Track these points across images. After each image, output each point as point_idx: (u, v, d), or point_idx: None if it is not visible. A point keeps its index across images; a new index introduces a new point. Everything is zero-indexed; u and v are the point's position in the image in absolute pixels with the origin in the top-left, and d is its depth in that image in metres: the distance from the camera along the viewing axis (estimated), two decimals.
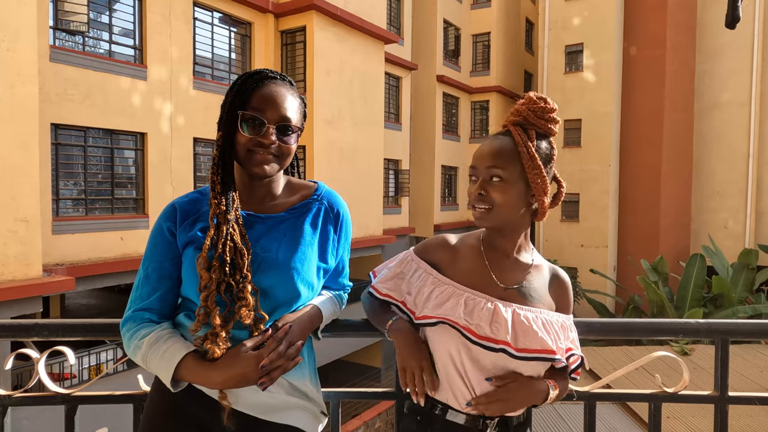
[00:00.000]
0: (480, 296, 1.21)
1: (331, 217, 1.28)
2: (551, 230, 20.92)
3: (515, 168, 1.19)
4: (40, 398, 1.46)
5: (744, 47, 18.95)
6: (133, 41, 9.95)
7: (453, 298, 1.21)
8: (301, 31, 12.67)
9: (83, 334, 1.43)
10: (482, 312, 1.18)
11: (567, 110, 20.35)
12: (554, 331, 1.20)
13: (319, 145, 12.81)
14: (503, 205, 1.19)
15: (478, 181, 1.21)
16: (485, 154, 1.21)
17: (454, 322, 1.18)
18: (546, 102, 1.22)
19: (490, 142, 1.23)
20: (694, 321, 1.48)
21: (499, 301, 1.20)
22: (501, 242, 1.27)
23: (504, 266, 1.26)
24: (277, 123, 1.15)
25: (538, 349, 1.16)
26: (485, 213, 1.20)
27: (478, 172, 1.21)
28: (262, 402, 1.16)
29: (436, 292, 1.23)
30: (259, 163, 1.15)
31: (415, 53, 19.92)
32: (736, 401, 1.50)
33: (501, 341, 1.16)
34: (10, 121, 7.18)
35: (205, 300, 1.08)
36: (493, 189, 1.18)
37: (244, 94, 1.15)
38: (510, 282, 1.24)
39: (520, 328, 1.17)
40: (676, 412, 6.68)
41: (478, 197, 1.20)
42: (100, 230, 9.29)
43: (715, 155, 19.85)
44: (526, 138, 1.20)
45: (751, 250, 14.86)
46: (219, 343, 1.07)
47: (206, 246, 1.10)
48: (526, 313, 1.20)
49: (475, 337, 1.17)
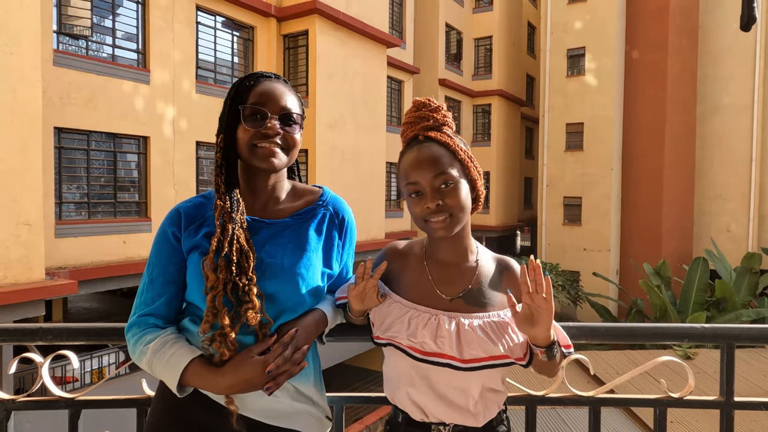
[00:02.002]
0: (424, 311, 1.19)
1: (336, 223, 1.28)
2: (553, 234, 20.89)
3: (457, 168, 1.17)
4: (44, 403, 1.45)
5: (746, 51, 18.92)
6: (136, 45, 9.98)
7: (398, 317, 1.20)
8: (304, 35, 12.70)
9: (87, 338, 1.43)
10: (425, 328, 1.17)
11: (569, 114, 20.34)
12: (507, 332, 1.18)
13: (321, 148, 12.82)
14: (461, 207, 1.16)
15: (426, 195, 1.15)
16: (425, 166, 1.15)
17: (398, 342, 1.18)
18: (432, 101, 1.23)
19: (418, 154, 1.17)
20: (699, 326, 1.47)
21: (443, 314, 1.18)
22: (444, 250, 1.24)
23: (447, 276, 1.23)
24: (279, 113, 1.16)
25: (484, 356, 1.15)
26: (446, 222, 1.15)
27: (421, 186, 1.15)
28: (268, 407, 1.16)
29: (385, 311, 1.23)
30: (266, 156, 1.15)
31: (417, 57, 19.95)
32: (742, 407, 1.49)
33: (446, 355, 1.15)
34: (13, 125, 7.19)
35: (212, 301, 1.07)
36: (447, 195, 1.15)
37: (242, 93, 1.16)
38: (454, 291, 1.21)
39: (465, 338, 1.15)
40: (681, 417, 6.65)
41: (437, 208, 1.14)
42: (103, 234, 9.31)
43: (717, 159, 19.80)
44: (449, 136, 1.20)
45: (754, 254, 14.80)
46: (228, 345, 1.07)
47: (213, 246, 1.09)
48: (471, 321, 1.17)
49: (420, 354, 1.16)
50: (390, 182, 17.14)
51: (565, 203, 20.62)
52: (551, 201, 21.01)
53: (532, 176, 27.29)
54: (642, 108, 19.45)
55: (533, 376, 8.32)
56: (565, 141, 20.47)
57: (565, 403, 1.53)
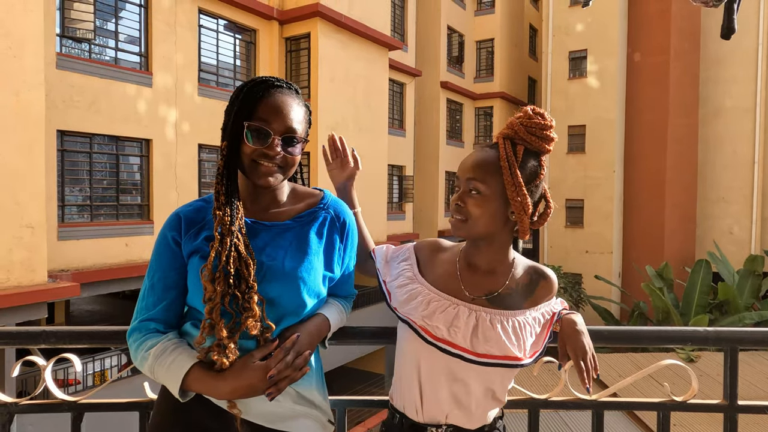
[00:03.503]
0: (446, 298, 1.20)
1: (338, 227, 1.27)
2: (555, 236, 20.86)
3: (495, 183, 1.15)
4: (46, 406, 1.45)
5: (748, 54, 18.92)
6: (139, 48, 10.01)
7: (419, 297, 1.22)
8: (306, 38, 12.73)
9: (90, 341, 1.43)
10: (443, 314, 1.18)
11: (571, 116, 20.33)
12: (527, 333, 1.18)
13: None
14: (478, 218, 1.16)
15: (459, 191, 1.20)
16: (468, 166, 1.19)
17: (413, 321, 1.19)
18: (543, 118, 1.17)
19: (475, 154, 1.21)
20: (703, 329, 1.47)
21: (464, 305, 1.19)
22: (476, 255, 1.25)
23: (474, 279, 1.24)
24: (283, 134, 1.14)
25: (498, 355, 1.14)
26: (460, 223, 1.19)
27: (459, 182, 1.20)
28: (270, 411, 1.16)
29: (408, 288, 1.25)
30: (264, 174, 1.14)
31: (419, 60, 19.97)
32: (746, 410, 1.49)
33: (457, 346, 1.15)
34: (16, 128, 7.21)
35: (209, 312, 1.07)
36: (471, 202, 1.16)
37: (250, 103, 1.14)
38: (480, 293, 1.22)
39: (483, 333, 1.15)
40: (683, 420, 6.63)
41: (456, 207, 1.19)
42: (105, 236, 9.32)
43: (719, 161, 19.77)
44: (512, 153, 1.16)
45: (756, 256, 14.77)
46: (228, 354, 1.06)
47: (211, 258, 1.09)
48: (492, 317, 1.18)
49: (431, 337, 1.16)
50: (392, 185, 17.14)
51: (567, 205, 20.60)
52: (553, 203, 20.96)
53: None
54: (644, 110, 19.43)
55: (536, 379, 8.31)
56: (567, 143, 20.46)
57: (567, 407, 1.52)
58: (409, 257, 1.32)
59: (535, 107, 1.20)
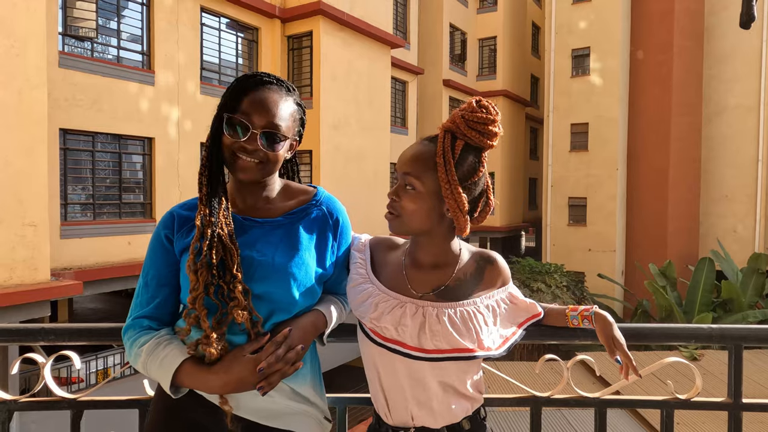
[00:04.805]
0: (393, 297, 1.18)
1: (330, 224, 1.27)
2: (558, 234, 20.83)
3: (430, 180, 1.11)
4: (46, 403, 1.45)
5: (751, 52, 18.83)
6: (141, 47, 10.02)
7: (369, 298, 1.20)
8: (308, 36, 12.72)
9: (89, 338, 1.43)
10: (390, 314, 1.16)
11: (573, 114, 20.29)
12: (478, 322, 1.15)
13: (326, 149, 12.82)
14: (412, 214, 1.13)
15: (396, 185, 1.17)
16: (405, 160, 1.14)
17: (364, 323, 1.18)
18: (487, 111, 1.11)
19: (414, 147, 1.16)
20: (707, 326, 1.46)
21: (411, 302, 1.17)
22: (418, 251, 1.22)
23: (420, 275, 1.21)
24: (264, 129, 1.12)
25: (447, 348, 1.12)
26: (394, 219, 1.16)
27: (397, 174, 1.16)
28: (263, 407, 1.16)
29: (360, 288, 1.23)
30: (242, 168, 1.13)
31: (422, 58, 19.95)
32: (750, 408, 1.48)
33: (406, 345, 1.13)
34: (19, 127, 7.22)
35: (192, 302, 1.07)
36: (406, 197, 1.13)
37: (236, 97, 1.14)
38: (427, 289, 1.19)
39: (430, 329, 1.13)
40: (686, 418, 6.61)
41: (390, 201, 1.16)
42: (108, 235, 9.34)
43: (723, 159, 19.70)
44: (449, 149, 1.10)
45: (760, 255, 14.72)
46: (213, 344, 1.06)
47: (192, 247, 1.09)
48: (439, 312, 1.14)
49: (380, 338, 1.15)
50: (394, 183, 17.12)
51: (570, 204, 20.56)
52: (556, 202, 20.96)
53: (536, 177, 27.23)
54: (647, 109, 19.38)
55: (538, 377, 8.30)
56: (569, 141, 20.42)
57: (570, 405, 1.51)
58: (364, 251, 1.30)
59: (481, 99, 1.14)
